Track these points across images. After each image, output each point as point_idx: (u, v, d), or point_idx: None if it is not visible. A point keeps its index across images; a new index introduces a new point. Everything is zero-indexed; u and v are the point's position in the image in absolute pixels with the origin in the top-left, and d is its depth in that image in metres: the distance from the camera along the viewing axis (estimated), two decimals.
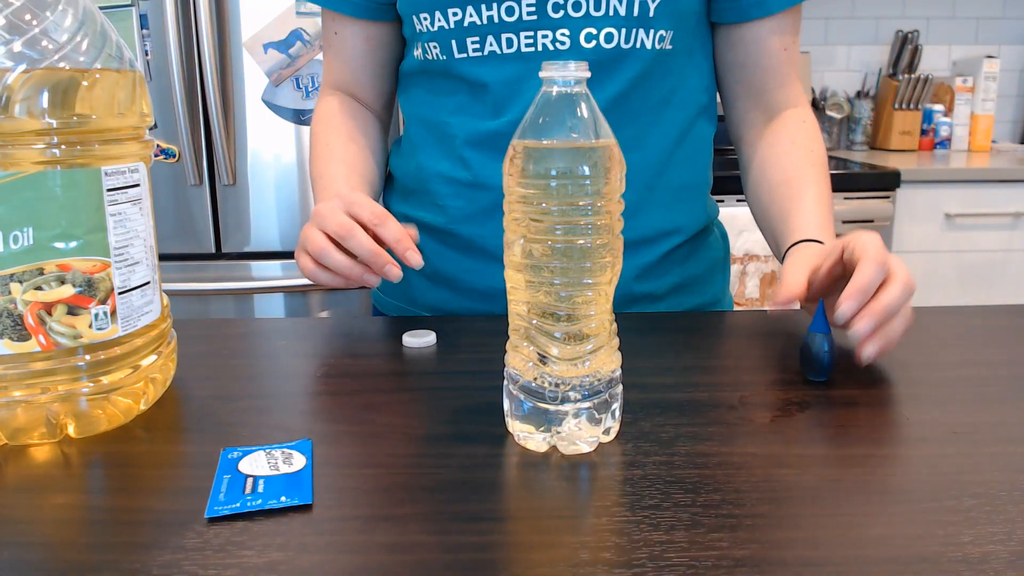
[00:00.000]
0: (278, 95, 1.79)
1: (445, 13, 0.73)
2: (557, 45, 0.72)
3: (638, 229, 0.77)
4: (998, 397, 0.54)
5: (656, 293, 0.80)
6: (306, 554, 0.36)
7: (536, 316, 0.45)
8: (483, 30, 0.72)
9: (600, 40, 0.72)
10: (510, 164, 0.44)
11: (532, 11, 0.71)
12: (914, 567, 0.35)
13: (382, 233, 0.64)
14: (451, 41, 0.74)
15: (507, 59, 0.73)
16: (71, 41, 0.46)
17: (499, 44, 0.72)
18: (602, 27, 0.71)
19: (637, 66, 0.73)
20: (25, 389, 0.47)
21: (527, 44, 0.72)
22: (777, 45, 0.79)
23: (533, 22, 0.71)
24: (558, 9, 0.70)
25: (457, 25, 0.73)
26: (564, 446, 0.46)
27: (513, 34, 0.72)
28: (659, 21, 0.72)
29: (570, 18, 0.71)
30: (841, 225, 2.02)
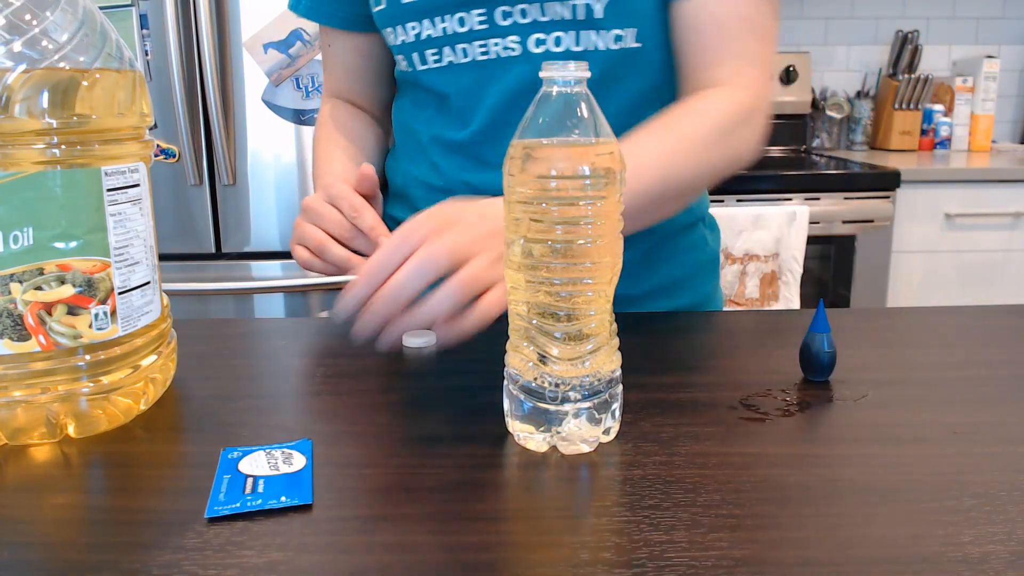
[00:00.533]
0: (278, 95, 1.79)
1: (405, 27, 0.76)
2: (509, 52, 0.73)
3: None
4: (998, 397, 0.54)
5: (631, 295, 0.79)
6: (306, 554, 0.36)
7: (536, 316, 0.45)
8: (439, 42, 0.74)
9: (549, 45, 0.72)
10: (510, 164, 0.44)
11: (482, 20, 0.72)
12: (914, 567, 0.35)
13: (358, 224, 0.68)
14: (413, 54, 0.77)
15: (464, 68, 0.75)
16: (71, 41, 0.46)
17: (455, 54, 0.74)
18: (550, 32, 0.71)
19: (595, 68, 0.71)
20: (25, 389, 0.47)
21: (481, 53, 0.73)
22: (708, 20, 0.71)
23: (484, 31, 0.72)
24: (507, 17, 0.71)
25: (416, 38, 0.75)
26: (564, 446, 0.46)
27: (467, 44, 0.73)
28: (610, 22, 0.71)
29: (519, 25, 0.71)
30: (841, 225, 2.02)
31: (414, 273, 0.56)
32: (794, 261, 1.91)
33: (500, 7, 0.71)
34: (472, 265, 0.56)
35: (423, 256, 0.56)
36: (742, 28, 0.70)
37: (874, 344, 0.65)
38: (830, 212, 2.01)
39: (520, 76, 0.73)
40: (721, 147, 0.69)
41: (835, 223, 2.02)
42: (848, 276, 2.08)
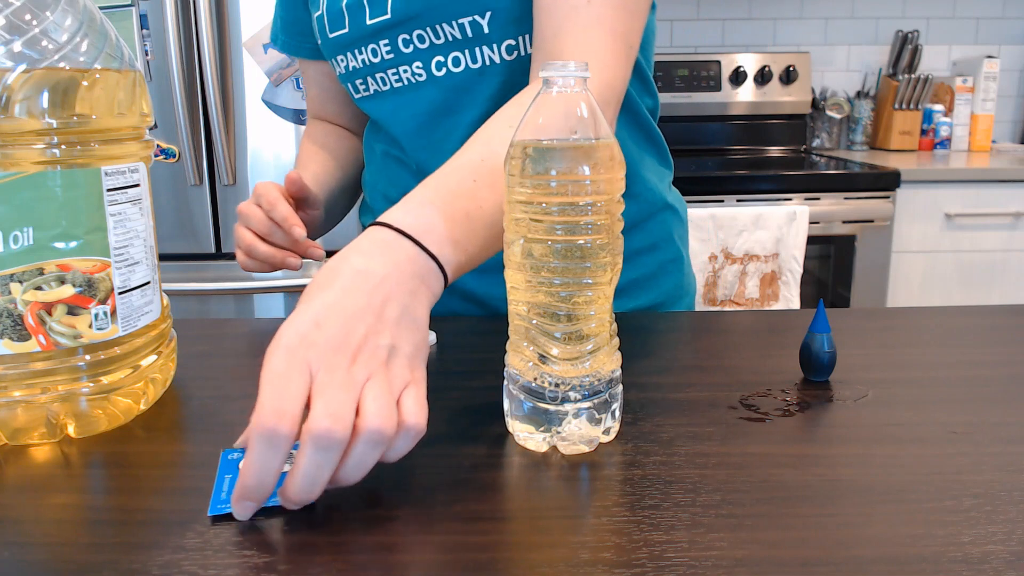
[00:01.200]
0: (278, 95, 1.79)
1: (337, 60, 0.79)
2: (416, 78, 0.75)
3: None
4: (998, 397, 0.54)
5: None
6: (306, 554, 0.36)
7: (536, 316, 0.45)
8: (363, 72, 0.78)
9: (449, 66, 0.73)
10: (510, 164, 0.44)
11: (389, 50, 0.74)
12: (914, 567, 0.35)
13: (272, 216, 0.72)
14: (348, 84, 0.81)
15: (385, 95, 0.78)
16: (71, 41, 0.46)
17: (377, 83, 0.78)
18: (448, 53, 0.73)
19: (497, 80, 0.73)
20: (25, 389, 0.47)
21: (396, 80, 0.76)
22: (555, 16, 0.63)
23: (392, 60, 0.75)
24: (408, 44, 0.73)
25: (347, 69, 0.79)
26: (564, 446, 0.46)
27: (383, 72, 0.76)
28: (499, 33, 0.71)
29: (419, 50, 0.73)
30: (841, 225, 2.02)
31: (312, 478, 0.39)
32: (794, 261, 1.91)
33: (400, 35, 0.73)
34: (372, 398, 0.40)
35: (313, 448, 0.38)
36: (588, 11, 0.63)
37: (874, 344, 0.65)
38: (830, 212, 2.01)
39: (428, 99, 0.75)
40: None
41: (835, 223, 2.02)
42: (848, 276, 2.08)
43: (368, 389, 0.40)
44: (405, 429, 0.41)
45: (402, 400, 0.41)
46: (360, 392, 0.40)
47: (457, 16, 0.71)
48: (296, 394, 0.38)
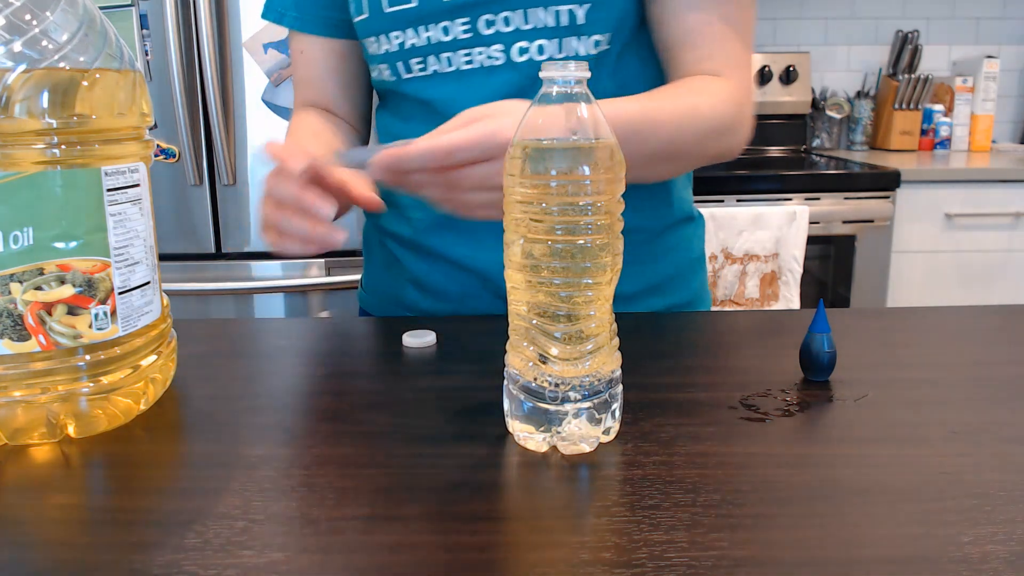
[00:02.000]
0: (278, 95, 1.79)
1: (388, 36, 0.75)
2: (492, 61, 0.73)
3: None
4: (998, 397, 0.54)
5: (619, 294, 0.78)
6: (306, 554, 0.36)
7: (536, 316, 0.45)
8: (424, 51, 0.74)
9: (532, 53, 0.72)
10: (510, 164, 0.44)
11: (466, 29, 0.72)
12: (914, 567, 0.35)
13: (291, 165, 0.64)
14: (398, 63, 0.76)
15: (448, 78, 0.75)
16: (71, 41, 0.46)
17: (439, 63, 0.74)
18: (533, 40, 0.72)
19: None
20: (25, 389, 0.47)
21: (465, 62, 0.74)
22: (696, 21, 0.72)
23: (468, 40, 0.72)
24: (490, 25, 0.71)
25: (400, 47, 0.75)
26: (564, 446, 0.46)
27: (451, 52, 0.73)
28: (590, 28, 0.72)
29: (502, 34, 0.72)
30: (841, 225, 2.02)
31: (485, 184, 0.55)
32: (794, 261, 1.91)
33: (483, 16, 0.71)
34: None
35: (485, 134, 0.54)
36: (718, 27, 0.72)
37: (874, 344, 0.65)
38: (830, 212, 2.01)
39: (504, 84, 0.73)
40: (708, 129, 0.70)
41: (835, 223, 2.02)
42: (848, 276, 2.08)
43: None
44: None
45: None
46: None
47: (556, 2, 0.70)
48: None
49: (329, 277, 1.87)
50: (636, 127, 0.65)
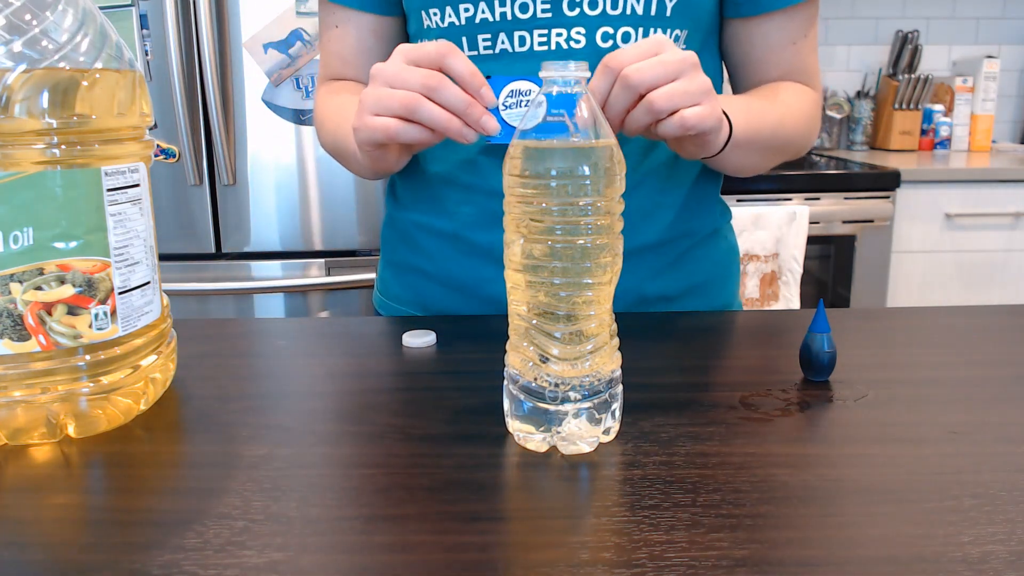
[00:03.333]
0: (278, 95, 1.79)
1: (456, 9, 0.71)
2: (572, 44, 0.70)
3: (653, 231, 0.78)
4: (998, 397, 0.54)
5: (669, 295, 0.81)
6: (306, 554, 0.36)
7: (536, 316, 0.45)
8: (495, 27, 0.70)
9: (617, 39, 0.70)
10: (510, 164, 0.44)
11: (547, 9, 0.69)
12: (914, 567, 0.35)
13: (451, 67, 0.57)
14: (461, 38, 0.72)
15: (518, 58, 0.71)
16: (71, 41, 0.46)
17: (511, 42, 0.71)
18: (619, 26, 0.70)
19: None
20: (25, 389, 0.47)
21: (540, 43, 0.70)
22: (786, 38, 0.77)
23: (548, 20, 0.70)
24: (574, 7, 0.69)
25: (468, 22, 0.71)
26: (564, 446, 0.46)
27: (526, 32, 0.70)
28: (675, 20, 0.72)
29: (586, 16, 0.69)
30: (841, 225, 2.02)
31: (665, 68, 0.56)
32: (794, 261, 1.91)
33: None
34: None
35: (680, 58, 0.57)
36: (803, 47, 0.78)
37: (874, 344, 0.65)
38: (830, 212, 2.01)
39: None
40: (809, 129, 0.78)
41: (835, 223, 2.02)
42: (848, 276, 2.08)
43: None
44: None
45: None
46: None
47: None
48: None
49: (329, 277, 1.87)
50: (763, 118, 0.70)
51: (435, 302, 0.82)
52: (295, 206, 1.86)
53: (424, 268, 0.83)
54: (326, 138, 0.80)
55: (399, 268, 0.86)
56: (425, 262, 0.82)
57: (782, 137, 0.75)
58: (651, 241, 0.78)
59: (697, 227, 0.81)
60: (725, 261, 0.86)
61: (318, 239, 1.88)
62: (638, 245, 0.77)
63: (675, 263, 0.80)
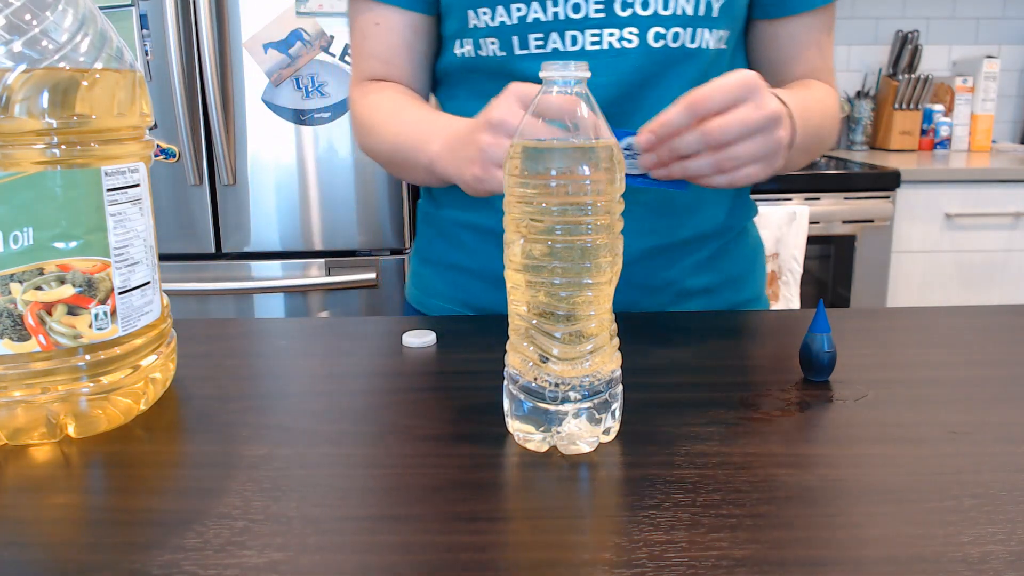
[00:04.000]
0: (278, 95, 1.79)
1: (508, 8, 0.71)
2: (624, 43, 0.71)
3: (696, 226, 0.79)
4: (998, 397, 0.54)
5: (709, 287, 0.82)
6: (306, 554, 0.36)
7: (536, 316, 0.45)
8: (548, 27, 0.71)
9: (668, 39, 0.71)
10: (510, 164, 0.44)
11: (600, 9, 0.70)
12: (914, 567, 0.35)
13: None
14: (512, 37, 0.72)
15: (569, 57, 0.72)
16: (71, 41, 0.46)
17: (563, 42, 0.71)
18: (670, 26, 0.71)
19: (699, 66, 0.73)
20: (25, 389, 0.47)
21: (592, 42, 0.71)
22: (812, 39, 0.79)
23: (600, 20, 0.70)
24: (626, 7, 0.70)
25: (520, 21, 0.71)
26: (564, 446, 0.46)
27: (578, 32, 0.71)
28: (720, 21, 0.73)
29: (638, 16, 0.70)
30: (841, 225, 2.02)
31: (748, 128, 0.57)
32: (794, 261, 1.91)
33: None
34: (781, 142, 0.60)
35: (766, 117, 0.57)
36: (826, 48, 0.81)
37: (874, 344, 0.65)
38: (830, 212, 2.01)
39: (634, 69, 0.71)
40: (836, 128, 0.81)
41: (835, 223, 2.02)
42: (848, 276, 2.08)
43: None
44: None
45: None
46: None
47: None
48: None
49: (329, 277, 1.87)
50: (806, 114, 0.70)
51: (476, 298, 0.83)
52: (295, 206, 1.86)
53: (465, 264, 0.83)
54: (378, 145, 0.79)
55: (439, 265, 0.86)
56: (465, 258, 0.83)
57: (819, 139, 0.76)
58: (695, 235, 0.79)
59: (734, 223, 0.83)
60: (753, 255, 0.88)
61: (318, 239, 1.88)
62: (683, 238, 0.79)
63: (714, 257, 0.82)
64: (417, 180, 0.78)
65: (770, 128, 0.58)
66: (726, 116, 0.57)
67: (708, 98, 0.56)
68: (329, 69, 1.77)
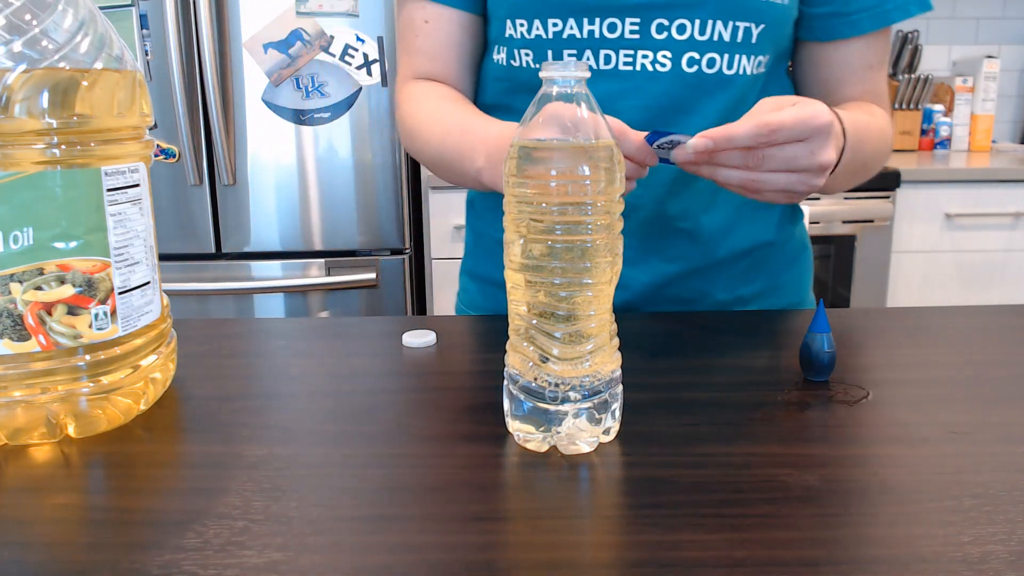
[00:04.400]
0: (278, 95, 1.79)
1: (545, 23, 0.72)
2: (657, 66, 0.71)
3: (736, 244, 0.79)
4: (998, 397, 0.54)
5: (744, 297, 0.82)
6: (306, 554, 0.36)
7: (536, 316, 0.45)
8: (582, 44, 0.71)
9: (703, 65, 0.71)
10: (509, 164, 0.44)
11: (635, 30, 0.70)
12: (914, 567, 0.35)
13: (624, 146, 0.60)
14: (547, 51, 0.73)
15: (603, 75, 0.72)
16: (71, 41, 0.46)
17: (597, 59, 0.72)
18: (705, 52, 0.71)
19: (734, 92, 0.73)
20: (25, 389, 0.47)
21: (626, 63, 0.71)
22: (863, 62, 0.78)
23: (635, 41, 0.70)
24: (662, 30, 0.70)
25: (556, 36, 0.72)
26: (564, 446, 0.46)
27: (612, 51, 0.71)
28: (760, 47, 0.72)
29: (673, 40, 0.70)
30: (841, 225, 2.02)
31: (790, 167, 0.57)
32: None
33: (657, 19, 0.69)
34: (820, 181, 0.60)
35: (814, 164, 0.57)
36: (878, 71, 0.80)
37: (874, 344, 0.65)
38: (830, 212, 2.01)
39: (665, 92, 0.72)
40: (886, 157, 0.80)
41: (835, 223, 2.02)
42: (848, 276, 2.08)
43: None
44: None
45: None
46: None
47: (737, 17, 0.70)
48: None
49: (329, 277, 1.87)
50: (860, 144, 0.70)
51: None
52: (295, 206, 1.86)
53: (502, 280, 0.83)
54: (425, 148, 0.78)
55: (482, 280, 0.87)
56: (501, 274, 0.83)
57: (868, 168, 0.76)
58: (730, 254, 0.79)
59: (775, 237, 0.83)
60: (797, 255, 0.87)
61: (318, 239, 1.88)
62: (719, 259, 0.79)
63: (751, 268, 0.82)
64: (464, 186, 0.78)
65: (811, 176, 0.58)
66: (776, 149, 0.57)
67: (779, 129, 0.56)
68: (329, 69, 1.77)
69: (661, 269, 0.79)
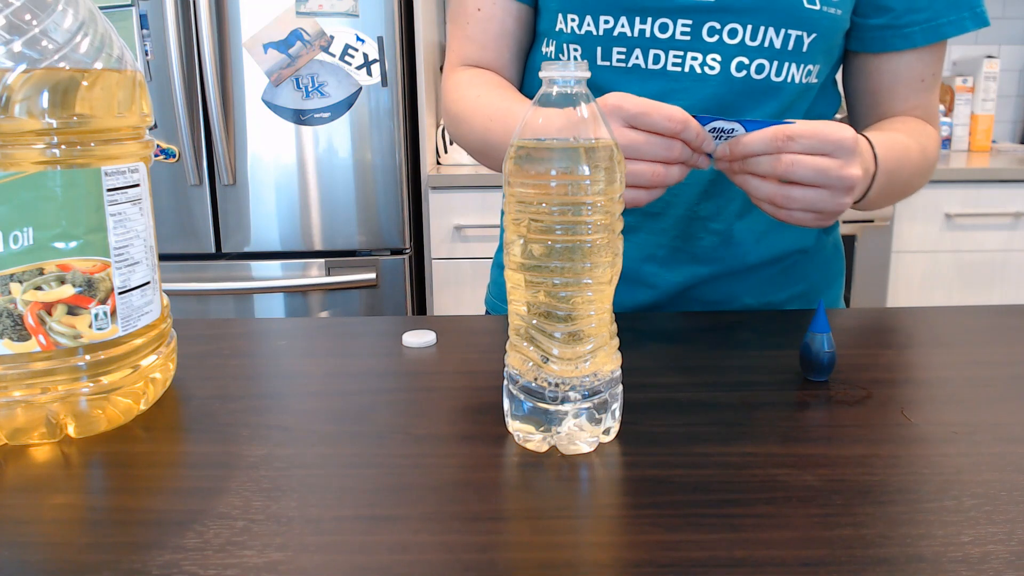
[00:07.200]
0: (278, 95, 1.79)
1: (596, 19, 0.72)
2: (706, 69, 0.71)
3: (769, 249, 0.79)
4: (998, 397, 0.54)
5: (772, 302, 0.82)
6: (306, 554, 0.36)
7: (536, 316, 0.45)
8: (632, 42, 0.72)
9: (751, 71, 0.71)
10: (509, 164, 0.44)
11: (687, 31, 0.70)
12: (914, 567, 0.35)
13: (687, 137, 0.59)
14: (596, 48, 0.73)
15: (651, 75, 0.72)
16: (71, 41, 0.46)
17: (645, 59, 0.72)
18: (755, 58, 0.71)
19: (782, 99, 0.73)
20: (25, 389, 0.47)
21: (674, 63, 0.71)
22: (915, 76, 0.78)
23: (685, 42, 0.71)
24: (713, 33, 0.70)
25: (606, 33, 0.72)
26: (564, 446, 0.46)
27: (662, 51, 0.71)
28: (811, 56, 0.72)
29: (724, 44, 0.70)
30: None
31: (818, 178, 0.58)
32: None
33: (709, 22, 0.70)
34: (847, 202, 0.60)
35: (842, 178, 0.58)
36: (931, 83, 0.79)
37: (874, 344, 0.65)
38: None
39: (712, 95, 0.72)
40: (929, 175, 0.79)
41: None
42: (848, 276, 2.08)
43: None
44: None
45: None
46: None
47: (790, 25, 0.69)
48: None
49: (329, 277, 1.87)
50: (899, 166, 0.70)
51: None
52: (295, 206, 1.86)
53: None
54: (470, 134, 0.78)
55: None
56: None
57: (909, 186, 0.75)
58: (762, 260, 0.79)
59: (810, 245, 0.82)
60: (831, 260, 0.87)
61: (318, 239, 1.88)
62: (750, 264, 0.79)
63: (782, 273, 0.81)
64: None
65: (839, 191, 0.58)
66: (805, 157, 0.57)
67: (795, 136, 0.56)
68: (329, 69, 1.77)
69: (691, 270, 0.79)
